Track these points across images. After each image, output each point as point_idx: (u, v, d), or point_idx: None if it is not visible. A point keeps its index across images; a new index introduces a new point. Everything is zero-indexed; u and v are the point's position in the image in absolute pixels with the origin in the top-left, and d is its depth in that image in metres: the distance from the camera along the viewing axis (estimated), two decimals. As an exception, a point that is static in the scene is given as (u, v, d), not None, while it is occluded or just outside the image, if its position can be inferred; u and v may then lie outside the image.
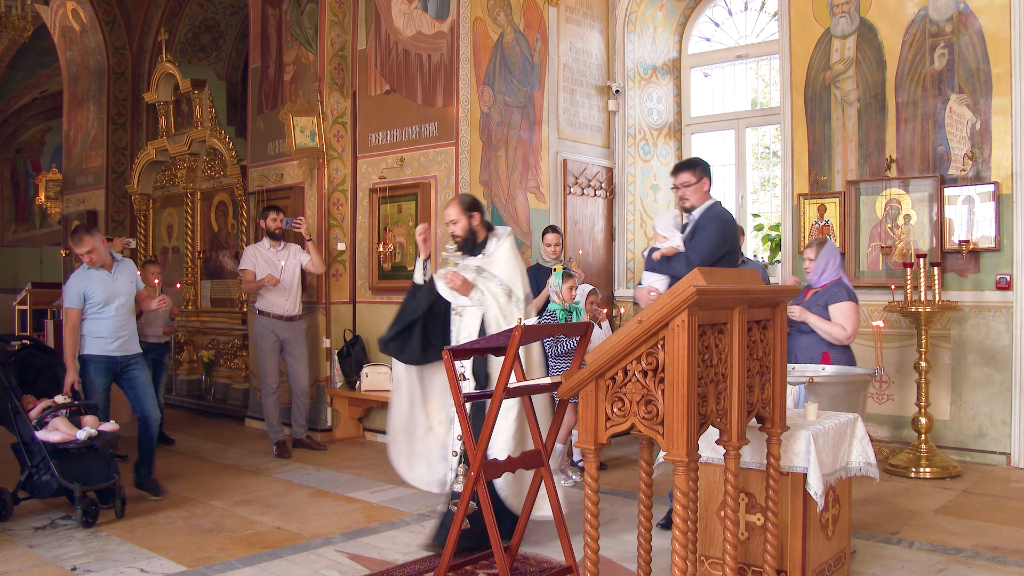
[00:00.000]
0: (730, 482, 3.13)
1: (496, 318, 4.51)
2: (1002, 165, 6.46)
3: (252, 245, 7.43)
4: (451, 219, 4.71)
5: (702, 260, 4.66)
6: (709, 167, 4.98)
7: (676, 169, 4.91)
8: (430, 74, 7.48)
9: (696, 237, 4.77)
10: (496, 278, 4.57)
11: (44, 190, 16.40)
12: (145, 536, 4.83)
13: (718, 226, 4.76)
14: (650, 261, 4.88)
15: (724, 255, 4.82)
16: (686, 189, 4.84)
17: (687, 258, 4.71)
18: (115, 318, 5.61)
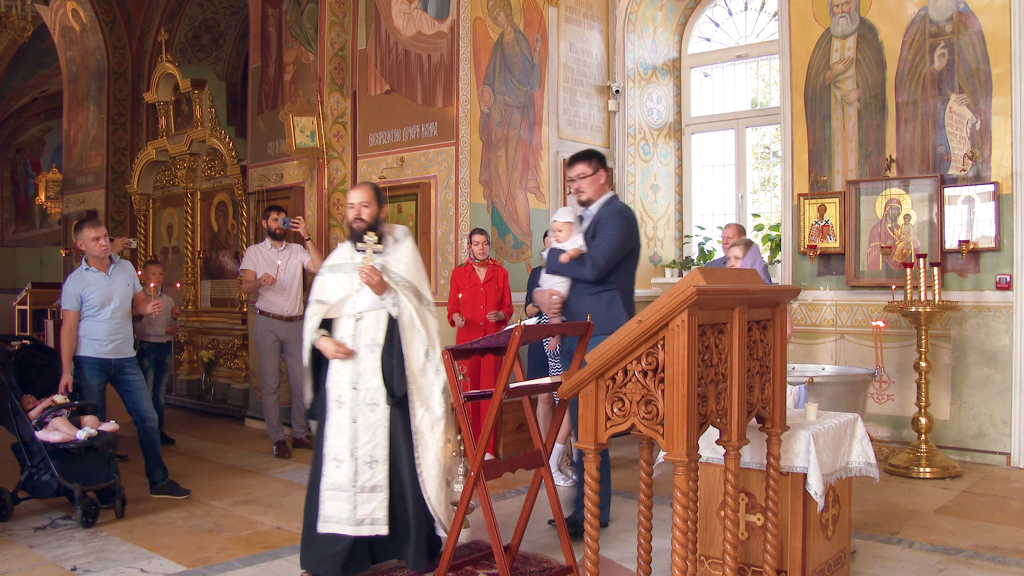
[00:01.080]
0: (730, 482, 3.13)
1: (412, 322, 4.02)
2: (1002, 165, 6.45)
3: (254, 245, 7.43)
4: (363, 201, 4.15)
5: (608, 261, 4.47)
6: (605, 159, 4.77)
7: (571, 161, 4.67)
8: (430, 74, 7.48)
9: (599, 236, 4.52)
10: (403, 278, 4.09)
11: (44, 190, 16.40)
12: (145, 536, 4.83)
13: (621, 224, 4.54)
14: (551, 262, 4.62)
15: (629, 254, 4.63)
16: (582, 181, 4.59)
17: (591, 259, 4.49)
18: (110, 321, 5.60)
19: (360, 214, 4.16)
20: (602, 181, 4.67)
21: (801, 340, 7.30)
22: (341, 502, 3.94)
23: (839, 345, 7.15)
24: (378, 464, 3.97)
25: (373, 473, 3.96)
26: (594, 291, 4.53)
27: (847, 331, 7.12)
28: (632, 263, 4.73)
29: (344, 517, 3.93)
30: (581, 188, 4.60)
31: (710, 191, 9.29)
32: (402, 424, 4.00)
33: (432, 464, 3.96)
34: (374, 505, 3.95)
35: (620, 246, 4.52)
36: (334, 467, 3.98)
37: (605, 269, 4.50)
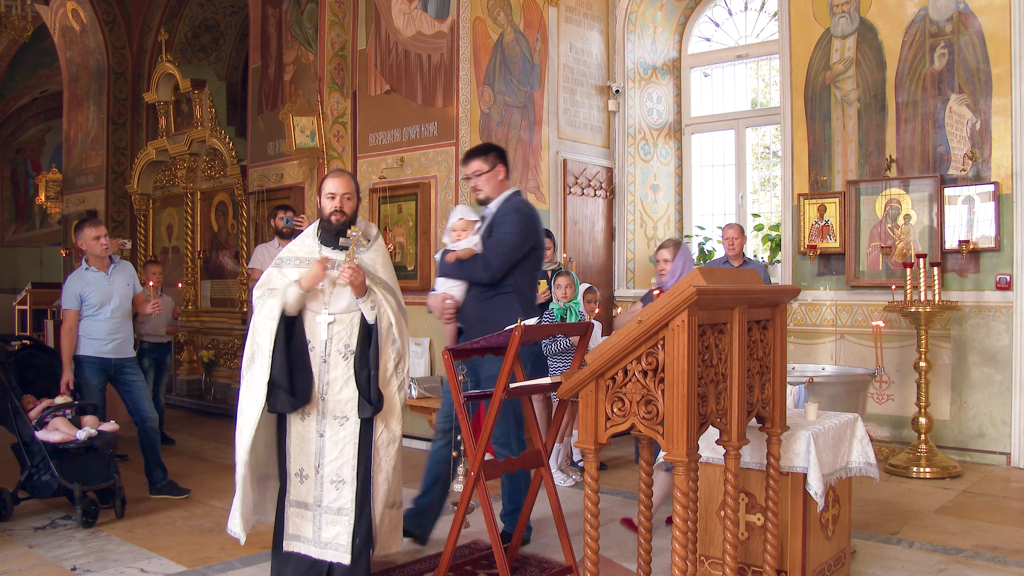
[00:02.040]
0: (730, 482, 3.13)
1: (390, 330, 3.75)
2: (1002, 165, 6.45)
3: (262, 244, 7.44)
4: (346, 193, 3.79)
5: (503, 262, 4.20)
6: (504, 153, 4.49)
7: (466, 157, 4.37)
8: (430, 74, 7.48)
9: (494, 235, 4.24)
10: (383, 280, 3.80)
11: (44, 190, 16.38)
12: (145, 536, 4.82)
13: (517, 221, 4.25)
14: (443, 265, 4.30)
15: (528, 253, 4.32)
16: (478, 179, 4.30)
17: (484, 260, 4.21)
18: (110, 320, 5.61)
19: (342, 206, 3.77)
20: (501, 177, 4.37)
21: (801, 340, 7.30)
22: (307, 521, 3.68)
23: (839, 345, 7.15)
24: (345, 485, 3.66)
25: (339, 494, 3.66)
26: (490, 294, 4.25)
27: (847, 331, 7.12)
28: (532, 263, 4.40)
29: (309, 537, 3.70)
30: (478, 186, 4.32)
31: (710, 191, 9.28)
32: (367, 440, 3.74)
33: (383, 483, 3.76)
34: (338, 529, 3.66)
35: (516, 245, 4.22)
36: (298, 482, 3.72)
37: (501, 271, 4.22)
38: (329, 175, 3.91)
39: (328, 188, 3.82)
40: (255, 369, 3.66)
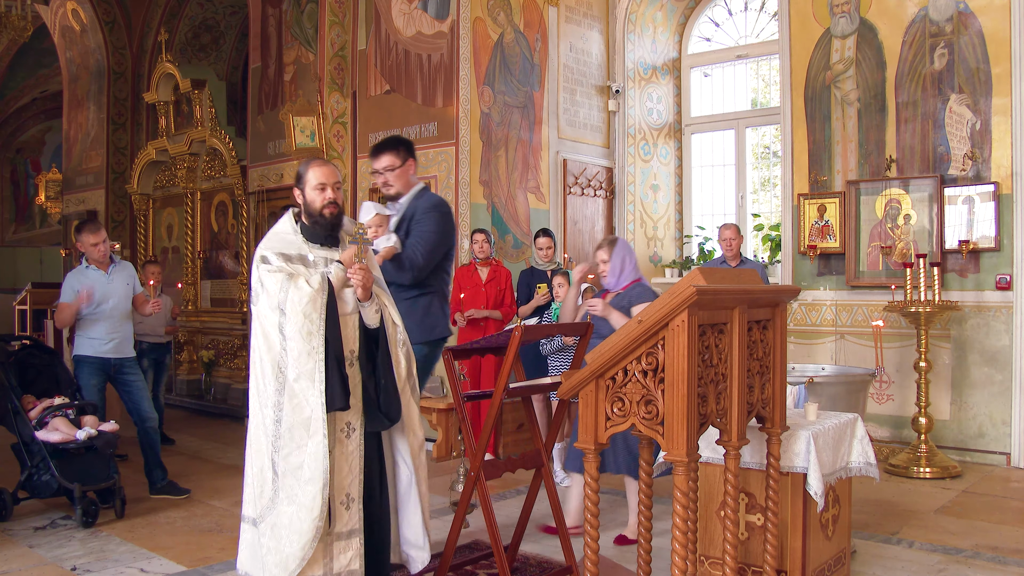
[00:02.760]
0: (730, 482, 3.13)
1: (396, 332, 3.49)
2: (1002, 165, 6.45)
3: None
4: (337, 182, 3.47)
5: (427, 261, 4.04)
6: (413, 146, 4.29)
7: (376, 151, 4.12)
8: (430, 74, 7.48)
9: (415, 233, 4.04)
10: (377, 280, 3.56)
11: (44, 190, 16.39)
12: (145, 536, 4.82)
13: (438, 220, 4.09)
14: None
15: (445, 254, 4.20)
16: (389, 174, 4.07)
17: (409, 260, 4.01)
18: (108, 319, 5.61)
19: (337, 198, 3.42)
20: (412, 172, 4.20)
21: (801, 340, 7.30)
22: (318, 549, 3.25)
23: (839, 345, 7.15)
24: (353, 503, 3.35)
25: (349, 515, 3.34)
26: (410, 295, 4.05)
27: (847, 331, 7.12)
28: (449, 263, 4.26)
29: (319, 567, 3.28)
30: (389, 181, 4.09)
31: (710, 191, 9.29)
32: (377, 453, 3.49)
33: (425, 492, 3.60)
34: (351, 555, 3.33)
35: (439, 243, 4.07)
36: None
37: (425, 270, 4.07)
38: (311, 163, 3.48)
39: (316, 178, 3.40)
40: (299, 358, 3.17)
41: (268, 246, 3.37)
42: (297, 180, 3.47)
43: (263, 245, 3.39)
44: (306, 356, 3.19)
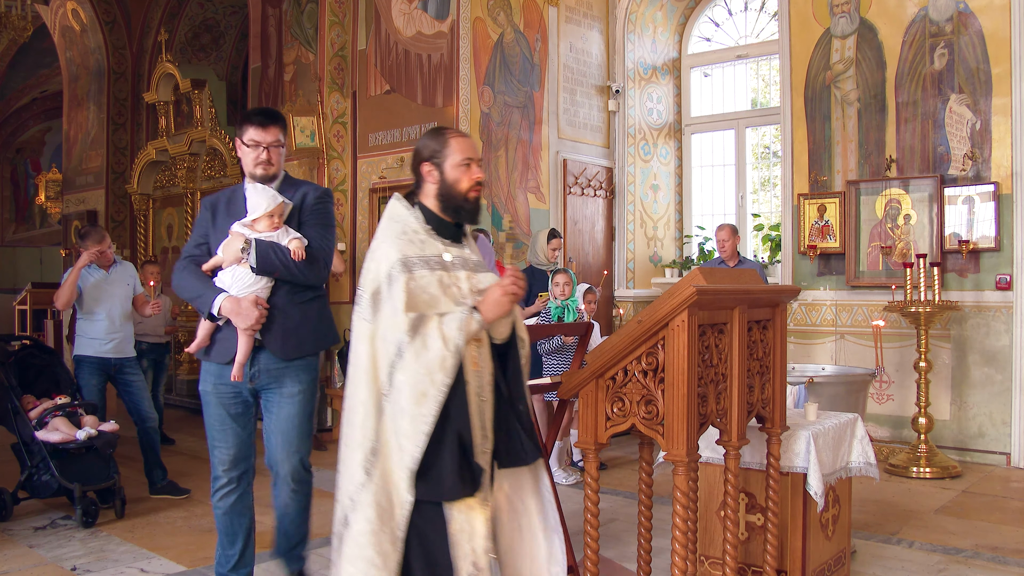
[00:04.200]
0: (730, 482, 3.13)
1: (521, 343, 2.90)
2: (1002, 165, 6.45)
3: None
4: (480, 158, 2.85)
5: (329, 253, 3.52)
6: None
7: (265, 119, 3.42)
8: (430, 74, 7.48)
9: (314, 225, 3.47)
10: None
11: (44, 190, 16.39)
12: (145, 536, 4.82)
13: (332, 210, 3.63)
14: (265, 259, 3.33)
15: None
16: (275, 151, 3.41)
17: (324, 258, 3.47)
18: (108, 319, 5.61)
19: (482, 177, 2.76)
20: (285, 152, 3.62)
21: (801, 340, 7.30)
22: None
23: (839, 345, 7.15)
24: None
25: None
26: (305, 298, 3.46)
27: (847, 331, 7.12)
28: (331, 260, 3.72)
29: None
30: (272, 159, 3.40)
31: (710, 191, 9.29)
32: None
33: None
34: None
35: (334, 237, 3.60)
36: None
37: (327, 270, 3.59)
38: (447, 134, 2.73)
39: (462, 151, 2.68)
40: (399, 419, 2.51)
41: (399, 246, 2.61)
42: (430, 156, 2.69)
43: (389, 243, 2.62)
44: (408, 424, 2.47)
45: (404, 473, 2.49)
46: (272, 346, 3.38)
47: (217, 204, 3.48)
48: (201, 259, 3.44)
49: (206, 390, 3.48)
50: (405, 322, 2.50)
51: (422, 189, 2.74)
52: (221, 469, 3.53)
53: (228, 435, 3.49)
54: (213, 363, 3.43)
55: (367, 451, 2.55)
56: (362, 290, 2.63)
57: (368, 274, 2.64)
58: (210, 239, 3.43)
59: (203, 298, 3.34)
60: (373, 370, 2.56)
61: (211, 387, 3.45)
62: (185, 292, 3.42)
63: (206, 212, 3.49)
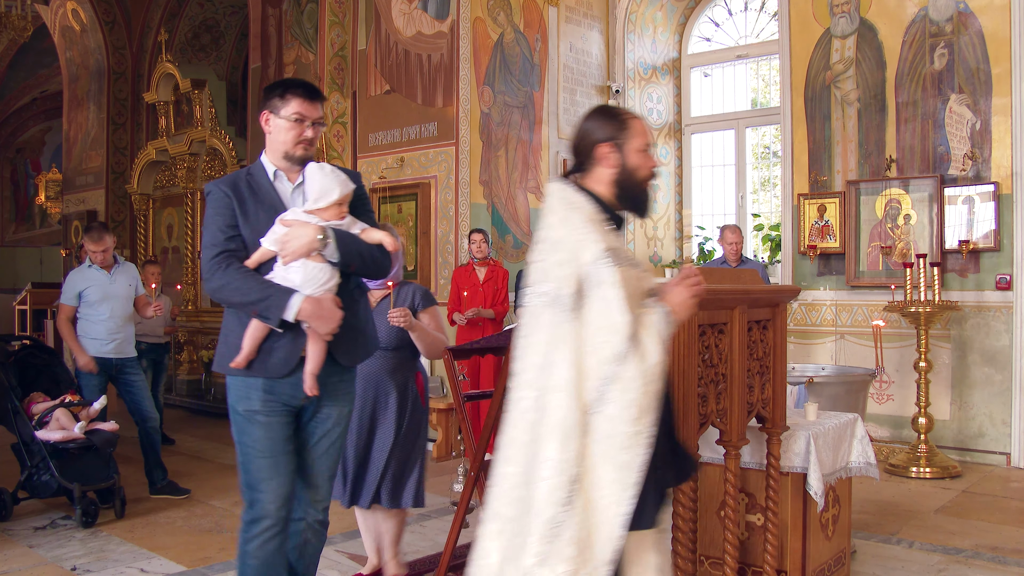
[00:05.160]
0: (730, 482, 3.13)
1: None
2: (1002, 165, 6.45)
3: None
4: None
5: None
6: None
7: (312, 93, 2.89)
8: (430, 74, 7.48)
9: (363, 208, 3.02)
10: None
11: (44, 190, 16.40)
12: (145, 536, 4.82)
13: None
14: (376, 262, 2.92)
15: None
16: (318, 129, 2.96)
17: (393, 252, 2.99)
18: (110, 319, 5.61)
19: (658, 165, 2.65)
20: None
21: (801, 340, 7.30)
22: None
23: (839, 345, 7.15)
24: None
25: None
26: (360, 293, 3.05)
27: (847, 331, 7.12)
28: None
29: None
30: (315, 139, 2.95)
31: (710, 191, 9.29)
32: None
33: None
34: None
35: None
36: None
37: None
38: (627, 115, 2.48)
39: (644, 137, 2.44)
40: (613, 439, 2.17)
41: (598, 235, 2.27)
42: (609, 137, 2.40)
43: (581, 231, 2.28)
44: (624, 447, 2.15)
45: (620, 507, 2.14)
46: (339, 350, 2.85)
47: (238, 188, 2.84)
48: (240, 253, 2.79)
49: (252, 410, 2.82)
50: (624, 325, 2.17)
51: (592, 174, 2.41)
52: (272, 508, 2.82)
53: (280, 466, 2.83)
54: (260, 378, 2.81)
55: (569, 478, 2.14)
56: (550, 285, 2.23)
57: (559, 267, 2.24)
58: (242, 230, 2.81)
59: (270, 300, 2.71)
60: (578, 381, 2.17)
61: (259, 406, 2.81)
62: (240, 295, 2.74)
63: (227, 198, 2.82)
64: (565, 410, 2.15)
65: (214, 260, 2.77)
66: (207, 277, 2.79)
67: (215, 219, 2.82)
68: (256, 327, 2.78)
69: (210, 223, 2.83)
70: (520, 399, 2.23)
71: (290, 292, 2.71)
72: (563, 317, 2.20)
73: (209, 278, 2.78)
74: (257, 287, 2.74)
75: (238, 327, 2.84)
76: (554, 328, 2.20)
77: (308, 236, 2.72)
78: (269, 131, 2.89)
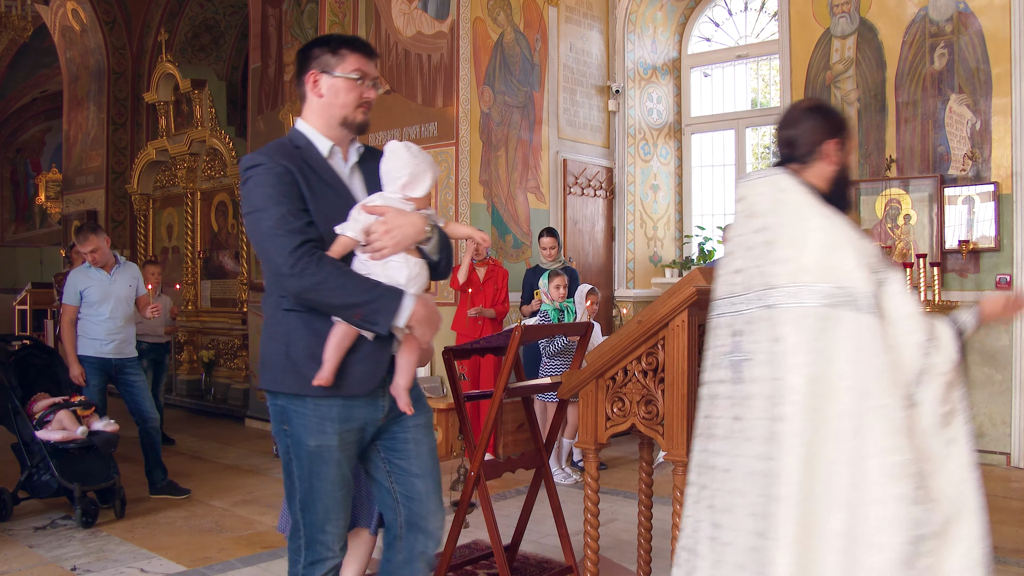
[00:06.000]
0: (730, 482, 3.13)
1: None
2: (1002, 165, 6.46)
3: None
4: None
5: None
6: None
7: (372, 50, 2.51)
8: (430, 74, 7.48)
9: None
10: None
11: (44, 190, 16.41)
12: (145, 536, 4.83)
13: None
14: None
15: None
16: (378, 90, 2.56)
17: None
18: (110, 320, 5.61)
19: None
20: None
21: (801, 340, 7.30)
22: None
23: (839, 345, 7.15)
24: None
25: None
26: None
27: (847, 331, 7.11)
28: None
29: None
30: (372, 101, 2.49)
31: (710, 191, 9.29)
32: None
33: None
34: None
35: None
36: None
37: None
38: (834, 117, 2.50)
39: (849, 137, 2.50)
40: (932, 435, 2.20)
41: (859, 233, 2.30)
42: (835, 136, 2.42)
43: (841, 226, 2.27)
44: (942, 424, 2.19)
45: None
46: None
47: (295, 161, 2.36)
48: (320, 243, 2.31)
49: (326, 445, 2.34)
50: (923, 322, 2.20)
51: (812, 168, 2.39)
52: (337, 547, 2.42)
53: (347, 500, 2.43)
54: (338, 399, 2.33)
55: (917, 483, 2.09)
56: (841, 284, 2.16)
57: (853, 265, 2.18)
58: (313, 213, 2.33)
59: (380, 303, 2.25)
60: (891, 378, 2.13)
61: (336, 440, 2.34)
62: (341, 295, 2.24)
63: (289, 174, 2.32)
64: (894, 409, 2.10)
65: (299, 251, 2.23)
66: (292, 272, 2.23)
67: (281, 200, 2.29)
68: (344, 334, 2.29)
69: (271, 204, 2.28)
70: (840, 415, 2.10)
71: (399, 293, 2.27)
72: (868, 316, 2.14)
73: (298, 274, 2.23)
74: (362, 286, 2.26)
75: (305, 334, 2.32)
76: (858, 328, 2.13)
77: (416, 227, 2.34)
78: (320, 94, 2.42)
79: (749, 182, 2.39)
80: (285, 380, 2.33)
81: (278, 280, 2.31)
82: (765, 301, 2.22)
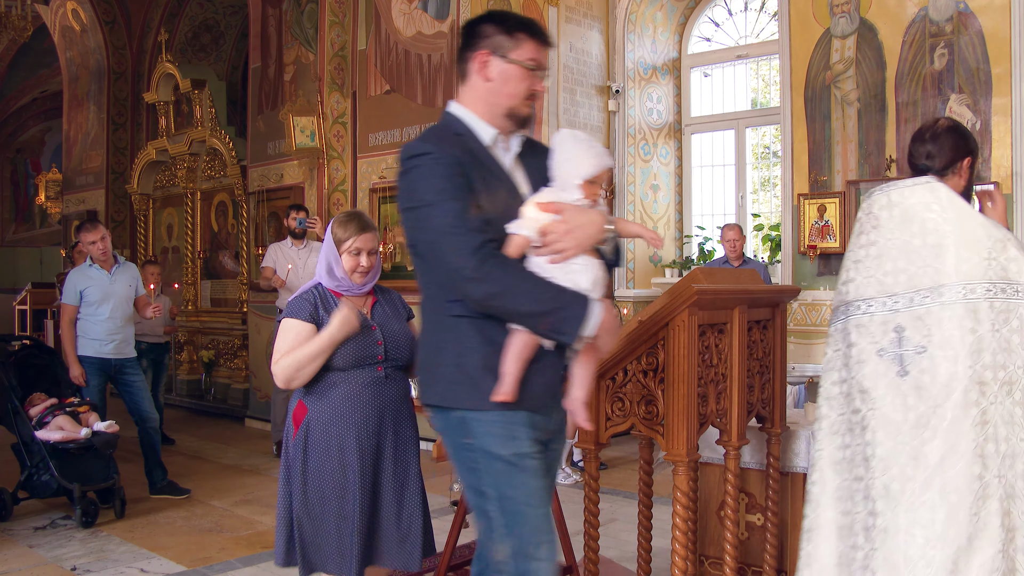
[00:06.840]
0: (730, 482, 3.13)
1: None
2: (1002, 165, 6.45)
3: (275, 243, 7.42)
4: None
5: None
6: None
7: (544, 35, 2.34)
8: (430, 74, 7.48)
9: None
10: None
11: (44, 190, 16.40)
12: (145, 536, 4.83)
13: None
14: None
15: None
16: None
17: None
18: (110, 320, 5.61)
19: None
20: None
21: (801, 340, 7.30)
22: None
23: (839, 345, 7.14)
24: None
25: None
26: None
27: (847, 331, 7.11)
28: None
29: None
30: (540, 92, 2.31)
31: (710, 191, 9.29)
32: None
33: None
34: None
35: None
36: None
37: None
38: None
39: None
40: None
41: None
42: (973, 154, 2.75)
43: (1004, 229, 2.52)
44: None
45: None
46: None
47: (461, 150, 2.13)
48: (499, 243, 2.07)
49: (521, 452, 2.11)
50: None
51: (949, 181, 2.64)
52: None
53: (552, 519, 2.21)
54: (520, 412, 2.11)
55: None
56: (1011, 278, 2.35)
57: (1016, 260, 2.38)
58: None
59: (569, 311, 2.02)
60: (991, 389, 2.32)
61: (529, 447, 2.13)
62: (530, 302, 2.00)
63: (460, 166, 2.08)
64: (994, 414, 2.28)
65: (482, 252, 1.99)
66: (476, 276, 1.99)
67: (456, 194, 2.04)
68: (524, 344, 2.08)
69: (444, 198, 2.03)
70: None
71: (586, 299, 2.03)
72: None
73: (482, 278, 1.99)
74: (550, 293, 2.02)
75: (480, 343, 2.10)
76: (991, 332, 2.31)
77: (597, 226, 2.11)
78: (488, 78, 2.20)
79: (898, 190, 2.54)
80: (458, 395, 2.10)
81: (455, 284, 2.04)
82: (940, 298, 2.35)
